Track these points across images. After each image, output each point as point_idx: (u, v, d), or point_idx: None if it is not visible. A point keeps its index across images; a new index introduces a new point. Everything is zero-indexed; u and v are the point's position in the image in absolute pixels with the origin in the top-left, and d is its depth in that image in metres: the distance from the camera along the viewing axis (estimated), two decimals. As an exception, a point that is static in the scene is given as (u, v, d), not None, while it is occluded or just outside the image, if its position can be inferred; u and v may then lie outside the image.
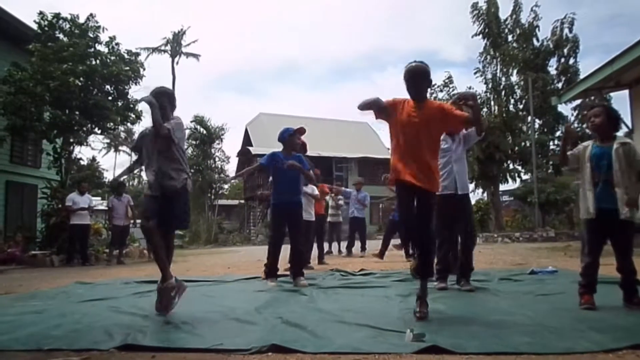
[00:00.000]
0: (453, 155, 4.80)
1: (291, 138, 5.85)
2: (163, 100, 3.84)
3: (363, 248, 11.73)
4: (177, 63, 41.51)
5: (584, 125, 22.03)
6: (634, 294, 3.54)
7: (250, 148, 34.02)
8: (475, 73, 23.01)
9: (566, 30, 21.84)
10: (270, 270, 5.78)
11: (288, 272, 6.02)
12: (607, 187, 3.54)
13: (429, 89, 3.78)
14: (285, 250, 5.90)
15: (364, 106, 3.44)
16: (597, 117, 3.68)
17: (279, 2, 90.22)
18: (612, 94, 14.18)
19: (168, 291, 3.71)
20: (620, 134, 3.86)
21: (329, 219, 11.49)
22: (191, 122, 35.52)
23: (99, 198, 19.71)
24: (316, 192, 8.15)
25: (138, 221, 11.56)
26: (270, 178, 6.02)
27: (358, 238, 12.11)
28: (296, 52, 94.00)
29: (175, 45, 41.42)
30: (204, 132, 35.96)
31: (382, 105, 3.46)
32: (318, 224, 8.99)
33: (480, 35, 22.79)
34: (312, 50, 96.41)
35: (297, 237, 5.88)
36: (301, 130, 6.01)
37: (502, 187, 24.00)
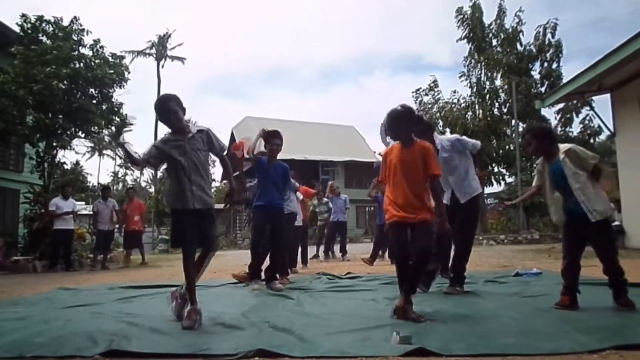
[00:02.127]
0: (446, 168, 4.75)
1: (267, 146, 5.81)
2: (172, 105, 3.73)
3: (344, 252, 11.50)
4: (163, 66, 41.36)
5: (567, 129, 22.37)
6: (622, 294, 3.59)
7: (235, 152, 33.85)
8: (460, 77, 23.27)
9: (549, 35, 22.16)
10: (255, 274, 5.76)
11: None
12: (571, 197, 3.64)
13: (416, 129, 3.77)
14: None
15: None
16: (529, 145, 3.86)
17: (267, 6, 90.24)
18: (594, 98, 14.40)
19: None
20: (602, 137, 3.99)
21: (319, 223, 11.44)
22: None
23: (83, 202, 19.51)
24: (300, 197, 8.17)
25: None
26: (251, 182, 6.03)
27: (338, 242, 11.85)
28: (283, 55, 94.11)
29: (160, 49, 41.26)
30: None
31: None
32: (302, 227, 8.98)
33: (465, 40, 23.03)
34: (299, 54, 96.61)
35: (277, 241, 5.85)
36: (270, 134, 5.80)
37: (487, 190, 24.23)
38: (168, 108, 3.64)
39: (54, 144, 12.58)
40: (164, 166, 3.84)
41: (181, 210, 3.60)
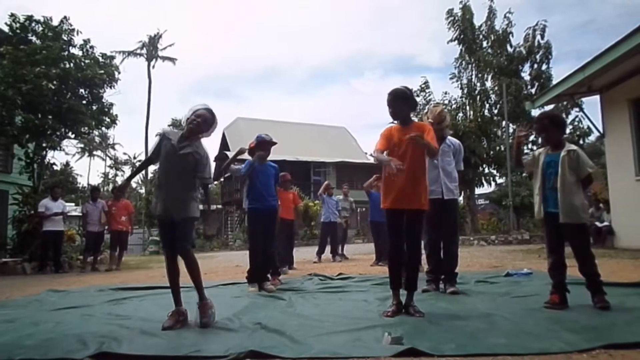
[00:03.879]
0: (440, 161, 4.86)
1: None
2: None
3: (335, 252, 11.34)
4: (154, 67, 41.16)
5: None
6: (599, 295, 3.63)
7: (227, 153, 33.82)
8: (451, 78, 23.32)
9: (538, 37, 22.28)
10: (252, 276, 5.76)
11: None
12: (554, 193, 3.72)
13: (412, 111, 3.90)
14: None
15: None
16: (545, 131, 3.88)
17: (258, 7, 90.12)
18: (583, 99, 14.50)
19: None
20: (592, 138, 4.07)
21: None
22: (169, 125, 35.22)
23: (73, 204, 19.36)
24: None
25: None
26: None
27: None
28: (274, 56, 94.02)
29: (151, 49, 41.06)
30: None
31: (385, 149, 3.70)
32: (289, 229, 8.96)
33: (456, 41, 23.11)
34: (290, 55, 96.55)
35: (269, 242, 5.88)
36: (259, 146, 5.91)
37: (478, 190, 24.32)
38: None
39: (44, 144, 12.48)
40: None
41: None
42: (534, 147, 4.20)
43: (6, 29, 12.32)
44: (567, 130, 22.23)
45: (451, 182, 4.94)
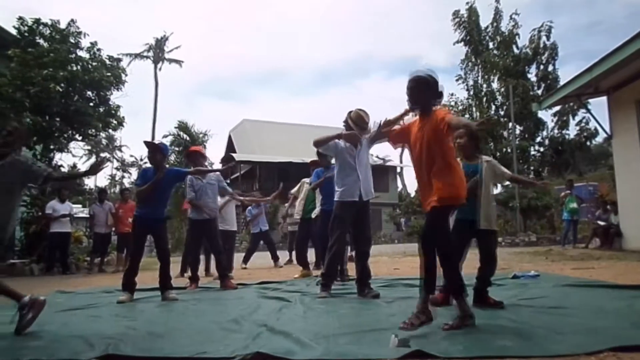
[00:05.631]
0: (357, 161, 4.82)
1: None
2: None
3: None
4: (160, 69, 41.33)
5: (563, 131, 22.41)
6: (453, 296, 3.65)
7: (233, 154, 33.90)
8: (457, 80, 23.31)
9: (544, 38, 22.22)
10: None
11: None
12: (471, 200, 3.71)
13: (434, 101, 3.33)
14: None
15: (375, 136, 3.49)
16: (461, 139, 3.97)
17: (263, 9, 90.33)
18: (590, 100, 14.44)
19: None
20: (599, 139, 4.13)
21: (289, 228, 11.25)
22: (175, 128, 35.25)
23: (80, 205, 19.43)
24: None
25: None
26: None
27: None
28: (280, 58, 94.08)
29: (157, 52, 41.24)
30: (187, 138, 35.71)
31: (393, 128, 3.56)
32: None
33: (462, 43, 23.09)
34: (296, 56, 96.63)
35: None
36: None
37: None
38: None
39: (51, 146, 12.56)
40: None
41: None
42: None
43: (14, 32, 12.41)
44: (574, 132, 22.14)
45: (369, 182, 4.92)
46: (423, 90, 3.29)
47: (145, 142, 5.59)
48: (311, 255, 8.35)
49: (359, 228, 4.93)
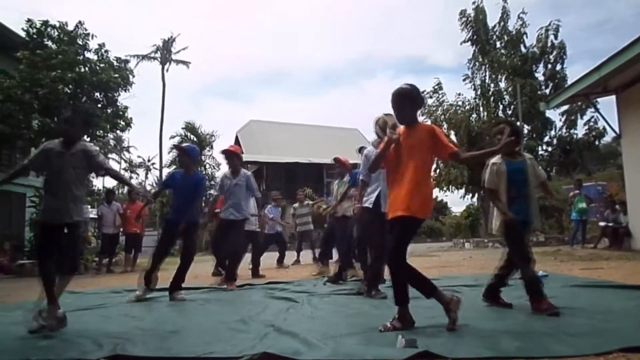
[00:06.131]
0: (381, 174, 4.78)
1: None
2: None
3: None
4: (167, 70, 41.44)
5: (571, 131, 22.26)
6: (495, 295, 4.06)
7: (242, 155, 33.95)
8: (464, 79, 23.20)
9: (551, 37, 22.07)
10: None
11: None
12: (521, 201, 3.79)
13: (417, 111, 3.51)
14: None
15: (376, 162, 3.49)
16: (502, 134, 3.69)
17: (269, 10, 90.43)
18: (599, 99, 14.35)
19: None
20: (607, 139, 4.07)
21: (297, 228, 11.26)
22: (182, 128, 35.42)
23: (88, 206, 19.52)
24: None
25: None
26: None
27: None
28: (286, 58, 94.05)
29: (165, 53, 41.33)
30: (195, 139, 35.86)
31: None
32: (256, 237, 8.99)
33: (469, 42, 22.98)
34: (301, 57, 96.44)
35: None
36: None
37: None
38: None
39: (59, 148, 12.63)
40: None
41: None
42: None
43: (23, 34, 12.52)
44: (582, 131, 22.01)
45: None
46: (409, 105, 3.41)
47: (175, 146, 5.81)
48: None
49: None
